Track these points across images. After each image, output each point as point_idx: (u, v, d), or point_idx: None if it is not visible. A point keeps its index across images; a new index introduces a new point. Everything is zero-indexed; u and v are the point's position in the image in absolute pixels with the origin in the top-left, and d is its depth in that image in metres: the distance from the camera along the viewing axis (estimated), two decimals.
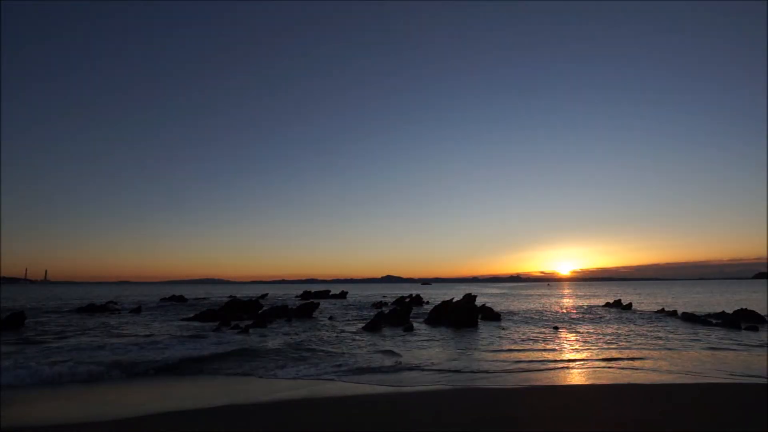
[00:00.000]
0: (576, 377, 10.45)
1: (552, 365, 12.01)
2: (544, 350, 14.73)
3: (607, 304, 38.72)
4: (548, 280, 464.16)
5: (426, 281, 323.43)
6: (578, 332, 19.82)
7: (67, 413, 7.45)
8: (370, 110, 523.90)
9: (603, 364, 12.20)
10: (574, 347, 15.40)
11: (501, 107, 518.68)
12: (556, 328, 21.67)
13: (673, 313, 29.05)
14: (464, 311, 23.43)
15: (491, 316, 26.74)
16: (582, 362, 12.52)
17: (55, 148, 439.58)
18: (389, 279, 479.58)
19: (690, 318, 25.84)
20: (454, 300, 27.26)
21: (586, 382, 9.83)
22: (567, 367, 11.71)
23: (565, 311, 33.56)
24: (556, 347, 15.37)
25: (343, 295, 62.62)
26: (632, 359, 12.89)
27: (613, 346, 15.52)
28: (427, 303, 44.26)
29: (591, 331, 20.44)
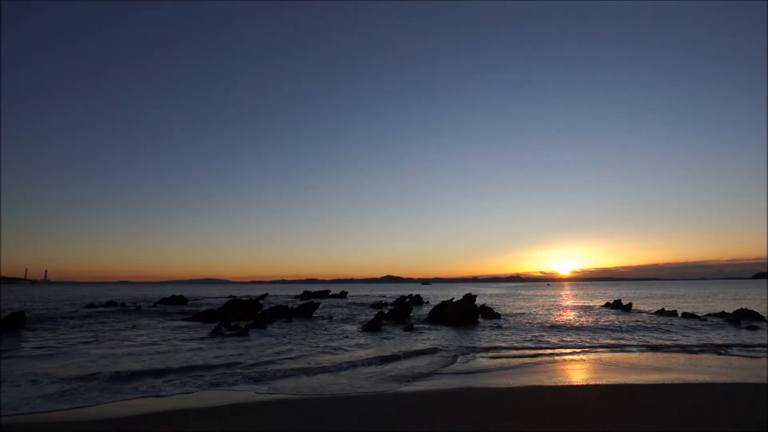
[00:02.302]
0: (575, 377, 10.45)
1: (551, 365, 12.02)
2: (544, 350, 14.73)
3: (607, 305, 38.71)
4: (548, 280, 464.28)
5: (426, 281, 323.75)
6: (578, 332, 19.81)
7: (66, 412, 7.45)
8: (369, 110, 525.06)
9: (602, 364, 12.20)
10: (573, 347, 15.39)
11: (501, 107, 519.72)
12: (555, 327, 21.67)
13: (674, 313, 29.06)
14: (464, 311, 23.44)
15: (491, 316, 26.77)
16: (581, 362, 12.52)
17: (55, 148, 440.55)
18: (389, 279, 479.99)
19: (690, 318, 25.87)
20: (454, 300, 27.26)
21: (586, 382, 9.82)
22: (566, 367, 11.72)
23: (564, 311, 33.56)
24: (556, 347, 15.36)
25: (343, 295, 62.65)
26: (632, 359, 12.90)
27: (612, 347, 15.52)
28: (427, 303, 44.27)
29: (590, 331, 20.43)
